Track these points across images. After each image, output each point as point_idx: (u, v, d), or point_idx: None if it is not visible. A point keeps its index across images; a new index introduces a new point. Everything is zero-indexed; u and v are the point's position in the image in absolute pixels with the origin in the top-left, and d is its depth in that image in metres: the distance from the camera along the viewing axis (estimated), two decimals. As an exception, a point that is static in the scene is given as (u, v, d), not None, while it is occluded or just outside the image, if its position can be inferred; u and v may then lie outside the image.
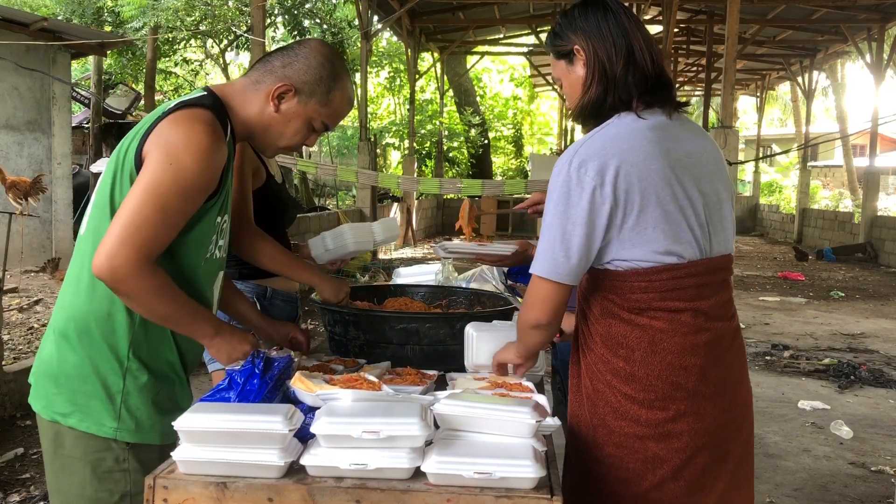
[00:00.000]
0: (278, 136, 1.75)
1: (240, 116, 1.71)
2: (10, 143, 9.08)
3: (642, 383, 1.59)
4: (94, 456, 1.60)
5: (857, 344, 7.37)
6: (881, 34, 14.94)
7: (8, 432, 4.27)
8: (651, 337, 1.59)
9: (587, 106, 1.66)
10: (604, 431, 1.63)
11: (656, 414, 1.59)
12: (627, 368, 1.60)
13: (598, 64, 1.64)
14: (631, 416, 1.60)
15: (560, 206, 1.55)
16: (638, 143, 1.56)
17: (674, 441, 1.59)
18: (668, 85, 1.65)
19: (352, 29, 16.44)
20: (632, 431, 1.60)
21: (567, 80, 1.72)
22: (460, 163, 22.66)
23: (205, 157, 1.55)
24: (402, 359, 2.01)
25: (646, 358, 1.59)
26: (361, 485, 1.30)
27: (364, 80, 13.29)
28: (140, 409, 1.61)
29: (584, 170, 1.53)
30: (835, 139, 23.88)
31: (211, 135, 1.56)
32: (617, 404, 1.61)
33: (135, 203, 1.51)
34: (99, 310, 1.59)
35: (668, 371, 1.59)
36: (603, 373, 1.64)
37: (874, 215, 14.89)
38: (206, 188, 1.59)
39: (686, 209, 1.58)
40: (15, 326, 6.15)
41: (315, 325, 7.21)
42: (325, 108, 1.75)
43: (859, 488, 3.91)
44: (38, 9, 14.92)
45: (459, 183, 14.03)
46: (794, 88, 24.86)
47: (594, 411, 1.65)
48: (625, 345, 1.61)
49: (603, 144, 1.56)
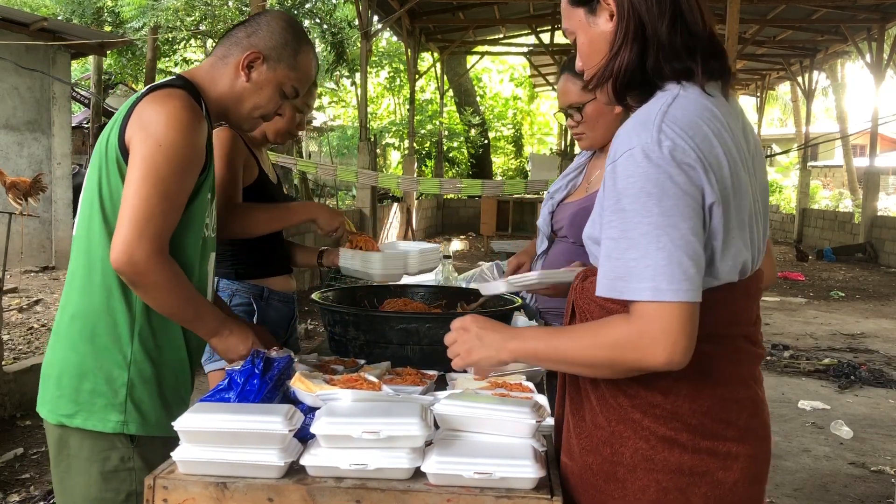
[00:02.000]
0: (252, 107, 1.76)
1: (212, 95, 1.73)
2: (10, 143, 9.08)
3: (685, 422, 1.28)
4: (100, 455, 1.60)
5: (857, 344, 7.37)
6: (881, 34, 14.94)
7: (8, 432, 4.26)
8: (701, 366, 1.26)
9: (620, 72, 1.30)
10: (635, 487, 1.30)
11: (703, 459, 1.28)
12: (667, 404, 1.28)
13: (634, 17, 1.28)
14: (671, 466, 1.28)
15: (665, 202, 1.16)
16: (721, 125, 1.24)
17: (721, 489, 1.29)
18: (723, 52, 1.33)
19: (352, 29, 16.44)
20: (672, 484, 1.28)
21: (585, 35, 1.36)
22: (460, 163, 22.67)
23: (189, 131, 1.57)
24: (402, 359, 2.01)
25: (693, 392, 1.28)
26: (361, 485, 1.30)
27: (364, 80, 13.28)
28: (145, 401, 1.62)
29: (682, 150, 1.18)
30: (835, 139, 23.89)
31: (189, 109, 1.59)
32: (650, 452, 1.29)
33: (138, 192, 1.53)
34: (97, 304, 1.60)
35: (717, 406, 1.29)
36: (627, 409, 1.31)
37: (874, 215, 14.90)
38: (197, 162, 1.62)
39: (755, 213, 1.30)
40: (15, 326, 6.15)
41: (315, 325, 7.20)
42: (294, 72, 1.77)
43: (859, 488, 3.91)
44: (38, 9, 14.93)
45: (459, 183, 14.03)
46: (794, 88, 24.87)
47: (617, 460, 1.31)
48: (666, 374, 1.24)
49: (688, 123, 1.21)
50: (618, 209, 1.21)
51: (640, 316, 1.18)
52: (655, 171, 1.17)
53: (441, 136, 20.39)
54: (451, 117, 22.40)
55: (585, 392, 1.38)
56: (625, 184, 1.19)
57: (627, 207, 1.19)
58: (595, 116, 2.26)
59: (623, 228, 1.19)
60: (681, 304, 1.16)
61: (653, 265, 1.16)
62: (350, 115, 24.54)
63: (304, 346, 6.21)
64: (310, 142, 21.23)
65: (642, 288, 1.17)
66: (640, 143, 1.19)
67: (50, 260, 9.42)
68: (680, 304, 1.16)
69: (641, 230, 1.17)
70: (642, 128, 1.21)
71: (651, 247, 1.16)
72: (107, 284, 1.60)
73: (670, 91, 1.27)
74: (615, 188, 1.21)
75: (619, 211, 1.20)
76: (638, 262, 1.17)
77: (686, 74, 1.27)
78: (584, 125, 2.31)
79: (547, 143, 27.59)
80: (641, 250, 1.17)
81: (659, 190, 1.17)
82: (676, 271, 1.16)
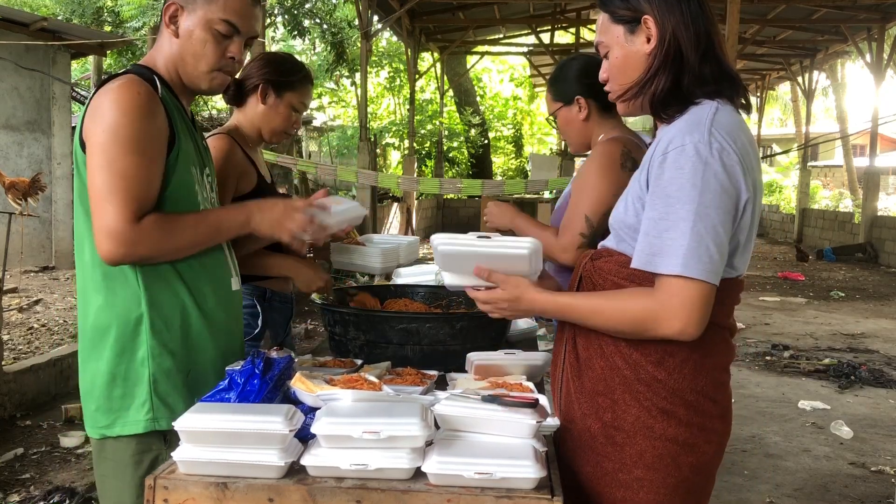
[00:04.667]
0: (194, 59, 1.66)
1: (161, 66, 1.69)
2: (9, 143, 9.08)
3: (683, 398, 1.47)
4: (133, 459, 1.60)
5: (857, 344, 7.37)
6: (881, 34, 14.93)
7: (8, 432, 4.27)
8: (705, 349, 1.46)
9: (656, 93, 1.46)
10: (633, 451, 1.49)
11: (693, 433, 1.48)
12: (670, 382, 1.46)
13: (674, 45, 1.45)
14: (667, 436, 1.47)
15: (707, 195, 1.35)
16: (750, 138, 1.44)
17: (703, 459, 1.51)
18: (742, 84, 1.51)
19: (352, 29, 16.45)
20: (666, 451, 1.47)
21: (622, 51, 1.51)
22: (460, 163, 22.65)
23: (134, 108, 1.54)
24: (402, 359, 2.01)
25: (694, 372, 1.47)
26: (362, 485, 1.30)
27: (364, 80, 13.28)
28: (171, 393, 1.62)
29: (728, 153, 1.36)
30: (835, 139, 23.88)
31: (133, 88, 1.56)
32: (650, 421, 1.47)
33: (98, 180, 1.53)
34: (105, 307, 1.60)
35: (710, 386, 1.49)
36: (632, 382, 1.49)
37: (874, 215, 14.89)
38: (154, 136, 1.58)
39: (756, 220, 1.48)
40: (15, 326, 6.15)
41: (315, 325, 7.20)
42: (215, 4, 1.64)
43: (859, 488, 3.91)
44: (38, 9, 14.93)
45: (459, 183, 14.02)
46: (794, 88, 24.86)
47: (618, 426, 1.50)
48: (674, 353, 1.46)
49: (732, 129, 1.39)
50: (663, 195, 1.38)
51: (665, 290, 1.38)
52: (703, 167, 1.35)
53: (441, 136, 20.38)
54: (451, 117, 22.39)
55: (589, 361, 1.54)
56: (673, 173, 1.37)
57: (672, 194, 1.37)
58: (564, 124, 2.32)
59: (665, 211, 1.37)
60: (701, 283, 1.35)
61: (685, 245, 1.34)
62: (350, 115, 24.53)
63: (304, 346, 6.22)
64: (310, 142, 21.23)
65: (671, 264, 1.36)
66: (693, 141, 1.37)
67: (50, 260, 9.42)
68: (700, 283, 1.35)
69: (681, 214, 1.35)
70: (695, 129, 1.39)
71: (687, 230, 1.34)
72: (107, 285, 1.60)
73: (709, 104, 1.44)
74: (663, 177, 1.39)
75: (665, 196, 1.38)
76: (673, 242, 1.36)
77: (716, 95, 1.45)
78: (561, 132, 2.37)
79: (547, 143, 27.58)
80: (678, 231, 1.35)
81: (703, 183, 1.35)
82: (704, 255, 1.34)
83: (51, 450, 4.04)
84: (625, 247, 1.53)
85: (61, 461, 3.92)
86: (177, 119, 1.66)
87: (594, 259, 1.61)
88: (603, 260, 1.58)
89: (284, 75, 2.36)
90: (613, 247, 1.57)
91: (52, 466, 3.85)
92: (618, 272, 1.52)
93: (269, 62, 2.36)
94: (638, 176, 1.51)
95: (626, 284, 1.49)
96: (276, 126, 2.39)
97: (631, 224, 1.49)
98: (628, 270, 1.49)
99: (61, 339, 5.83)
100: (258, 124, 2.38)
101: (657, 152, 1.42)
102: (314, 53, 22.43)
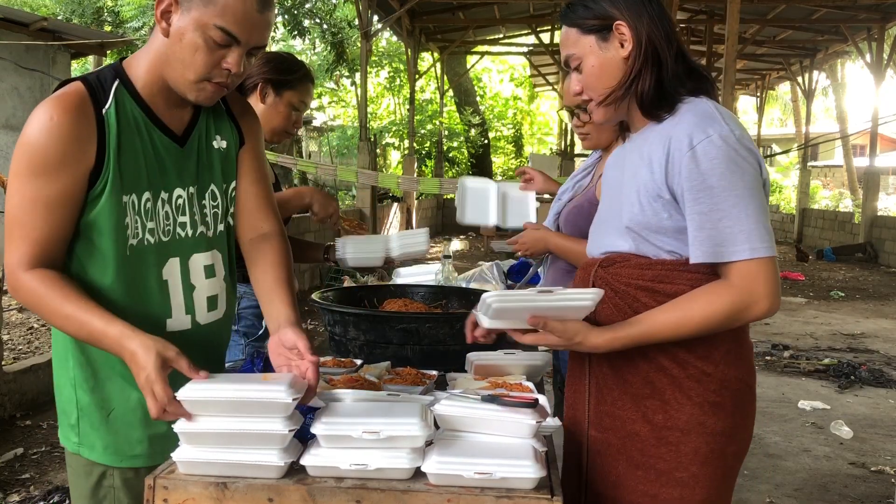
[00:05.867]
0: (181, 66, 1.43)
1: (142, 69, 1.48)
2: (9, 143, 9.08)
3: (730, 388, 1.50)
4: (85, 469, 1.56)
5: (857, 344, 7.37)
6: (881, 34, 14.93)
7: (8, 432, 4.26)
8: (740, 338, 1.52)
9: (643, 93, 1.49)
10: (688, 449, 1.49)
11: (737, 421, 1.52)
12: (717, 373, 1.49)
13: (650, 46, 1.48)
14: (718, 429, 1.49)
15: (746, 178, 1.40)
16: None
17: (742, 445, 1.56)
18: (712, 80, 1.56)
19: (352, 29, 16.44)
20: (717, 444, 1.50)
21: (597, 60, 1.52)
22: (460, 163, 22.66)
23: (45, 135, 1.37)
24: (402, 359, 2.01)
25: (737, 360, 1.51)
26: (362, 485, 1.30)
27: (364, 80, 13.28)
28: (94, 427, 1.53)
29: (748, 140, 1.44)
30: (835, 139, 23.88)
31: (49, 111, 1.38)
32: (703, 417, 1.49)
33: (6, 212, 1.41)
34: None
35: (748, 373, 1.53)
36: (682, 379, 1.49)
37: (874, 215, 14.89)
38: (64, 165, 1.39)
39: None
40: (15, 326, 6.15)
41: (315, 325, 7.21)
42: (212, 7, 1.39)
43: (859, 488, 3.91)
44: (38, 9, 14.93)
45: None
46: (794, 88, 24.85)
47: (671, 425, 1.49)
48: (717, 345, 1.48)
49: (735, 121, 1.46)
50: (705, 187, 1.40)
51: (745, 276, 1.41)
52: (735, 154, 1.40)
53: (441, 136, 20.38)
54: (451, 117, 22.39)
55: (629, 368, 1.52)
56: (709, 165, 1.40)
57: (715, 185, 1.39)
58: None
59: (713, 202, 1.40)
60: (772, 259, 1.41)
61: (746, 229, 1.39)
62: (350, 115, 24.53)
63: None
64: (310, 142, 21.22)
65: (741, 249, 1.39)
66: (718, 132, 1.41)
67: (50, 260, 9.41)
68: (772, 259, 1.41)
69: (731, 202, 1.39)
70: (711, 120, 1.43)
71: (742, 214, 1.39)
72: None
73: (697, 100, 1.48)
74: (699, 170, 1.40)
75: (707, 189, 1.40)
76: (732, 228, 1.39)
77: (699, 92, 1.49)
78: (591, 125, 2.31)
79: (547, 143, 27.59)
80: (734, 218, 1.39)
81: (740, 168, 1.40)
82: (763, 232, 1.40)
83: (51, 450, 4.04)
84: (646, 248, 1.51)
85: (61, 461, 3.91)
86: (119, 140, 1.45)
87: (606, 266, 1.57)
88: (618, 266, 1.55)
89: (284, 74, 2.35)
90: (629, 250, 1.53)
91: (52, 466, 3.85)
92: (640, 275, 1.51)
93: (269, 61, 2.36)
94: (647, 174, 1.49)
95: (656, 286, 1.49)
96: (276, 125, 2.39)
97: (651, 224, 1.48)
98: (654, 272, 1.49)
99: (61, 339, 5.83)
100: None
101: (677, 149, 1.43)
102: (314, 53, 22.43)
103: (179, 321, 1.58)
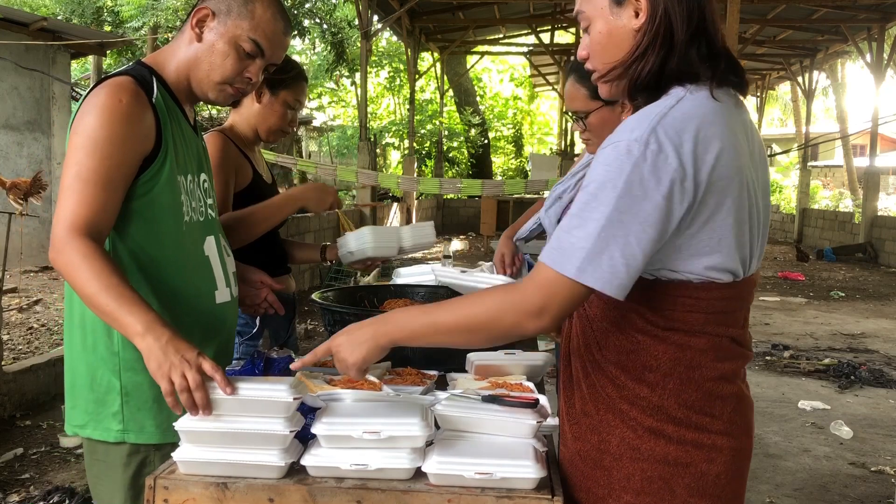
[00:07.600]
0: (209, 68, 1.62)
1: (171, 67, 1.65)
2: (9, 143, 9.08)
3: (670, 415, 1.31)
4: (124, 461, 1.58)
5: (857, 344, 7.37)
6: (881, 34, 14.94)
7: (8, 432, 4.26)
8: (690, 360, 1.30)
9: (642, 74, 1.29)
10: (620, 475, 1.33)
11: (688, 451, 1.31)
12: (654, 398, 1.31)
13: (665, 22, 1.27)
14: (656, 456, 1.31)
15: (624, 200, 1.18)
16: (726, 130, 1.24)
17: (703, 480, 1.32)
18: (741, 69, 1.33)
19: (352, 29, 16.45)
20: (656, 473, 1.31)
21: (605, 26, 1.33)
22: (460, 163, 22.67)
23: (113, 114, 1.50)
24: (402, 359, 2.00)
25: (681, 386, 1.31)
26: (362, 485, 1.30)
27: (364, 80, 13.28)
28: (142, 409, 1.58)
29: (664, 157, 1.18)
30: (835, 139, 23.89)
31: (116, 94, 1.52)
32: (636, 441, 1.32)
33: (64, 181, 1.50)
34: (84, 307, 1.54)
35: (702, 400, 1.31)
36: (615, 400, 1.34)
37: (874, 215, 14.90)
38: (129, 144, 1.52)
39: (753, 218, 1.29)
40: (15, 326, 6.15)
41: (315, 325, 7.20)
42: (247, 22, 1.60)
43: (859, 488, 3.91)
44: (38, 9, 14.94)
45: (459, 183, 14.03)
46: (794, 88, 24.87)
47: (604, 448, 1.35)
48: (654, 368, 1.31)
49: (685, 125, 1.21)
50: (586, 191, 1.23)
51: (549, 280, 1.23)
52: (630, 170, 1.19)
53: (441, 136, 20.39)
54: (451, 117, 22.40)
55: (577, 381, 1.41)
56: (600, 170, 1.22)
57: (592, 191, 1.22)
58: (600, 125, 2.22)
59: (581, 208, 1.23)
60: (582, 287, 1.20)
61: (588, 249, 1.19)
62: (350, 115, 24.54)
63: (304, 346, 6.21)
64: (310, 142, 21.24)
65: (570, 266, 1.20)
66: (628, 140, 1.21)
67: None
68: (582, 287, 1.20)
69: (595, 216, 1.20)
70: (637, 125, 1.22)
71: (593, 234, 1.19)
72: None
73: (675, 94, 1.28)
74: (592, 171, 1.24)
75: (586, 192, 1.23)
76: (576, 242, 1.21)
77: (691, 77, 1.28)
78: (590, 133, 2.31)
79: (547, 143, 27.59)
80: (584, 233, 1.20)
81: (624, 187, 1.19)
82: (605, 263, 1.19)
83: (50, 450, 4.04)
84: None
85: (61, 461, 3.92)
86: (169, 125, 1.61)
87: None
88: None
89: (278, 73, 2.35)
90: None
91: (52, 466, 3.85)
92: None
93: None
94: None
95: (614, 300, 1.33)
96: (272, 124, 2.41)
97: None
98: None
99: (61, 339, 5.83)
100: (254, 123, 2.40)
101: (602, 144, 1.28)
102: (314, 53, 22.44)
103: (223, 294, 1.73)
